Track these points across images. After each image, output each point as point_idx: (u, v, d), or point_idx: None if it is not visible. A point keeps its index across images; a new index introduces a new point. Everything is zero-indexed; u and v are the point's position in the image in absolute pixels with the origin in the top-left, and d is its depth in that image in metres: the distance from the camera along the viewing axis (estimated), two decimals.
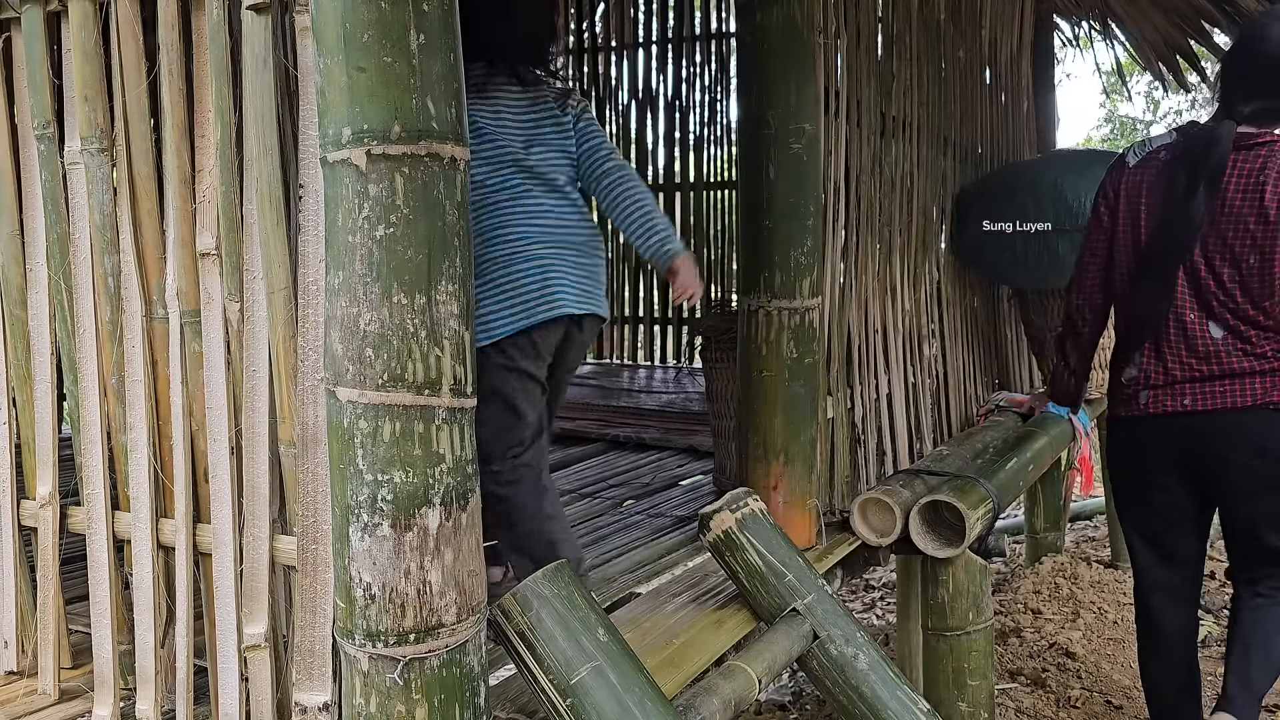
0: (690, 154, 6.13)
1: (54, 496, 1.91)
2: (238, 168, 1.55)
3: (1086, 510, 6.09)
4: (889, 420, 3.01)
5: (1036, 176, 3.75)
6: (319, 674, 1.49)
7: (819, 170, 2.42)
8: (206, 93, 1.59)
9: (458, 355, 1.32)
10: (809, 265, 2.37)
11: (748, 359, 2.41)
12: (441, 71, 1.29)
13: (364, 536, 1.31)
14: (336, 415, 1.32)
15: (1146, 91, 14.83)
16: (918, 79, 3.30)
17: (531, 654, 1.54)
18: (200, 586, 1.72)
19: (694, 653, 1.91)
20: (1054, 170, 3.75)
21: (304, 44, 1.46)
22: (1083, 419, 3.74)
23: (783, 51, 2.30)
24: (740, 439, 2.46)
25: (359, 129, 1.26)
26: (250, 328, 1.57)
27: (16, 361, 1.94)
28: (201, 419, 1.66)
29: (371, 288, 1.28)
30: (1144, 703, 3.41)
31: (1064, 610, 4.21)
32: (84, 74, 1.72)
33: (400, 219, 1.27)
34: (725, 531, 2.05)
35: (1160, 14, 4.99)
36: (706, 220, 6.14)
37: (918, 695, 2.02)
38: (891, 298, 3.06)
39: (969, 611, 2.63)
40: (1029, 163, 4.36)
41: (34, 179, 1.87)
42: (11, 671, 2.00)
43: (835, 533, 2.57)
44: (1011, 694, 3.44)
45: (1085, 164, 3.74)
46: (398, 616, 1.31)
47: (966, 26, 3.90)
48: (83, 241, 1.78)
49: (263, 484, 1.58)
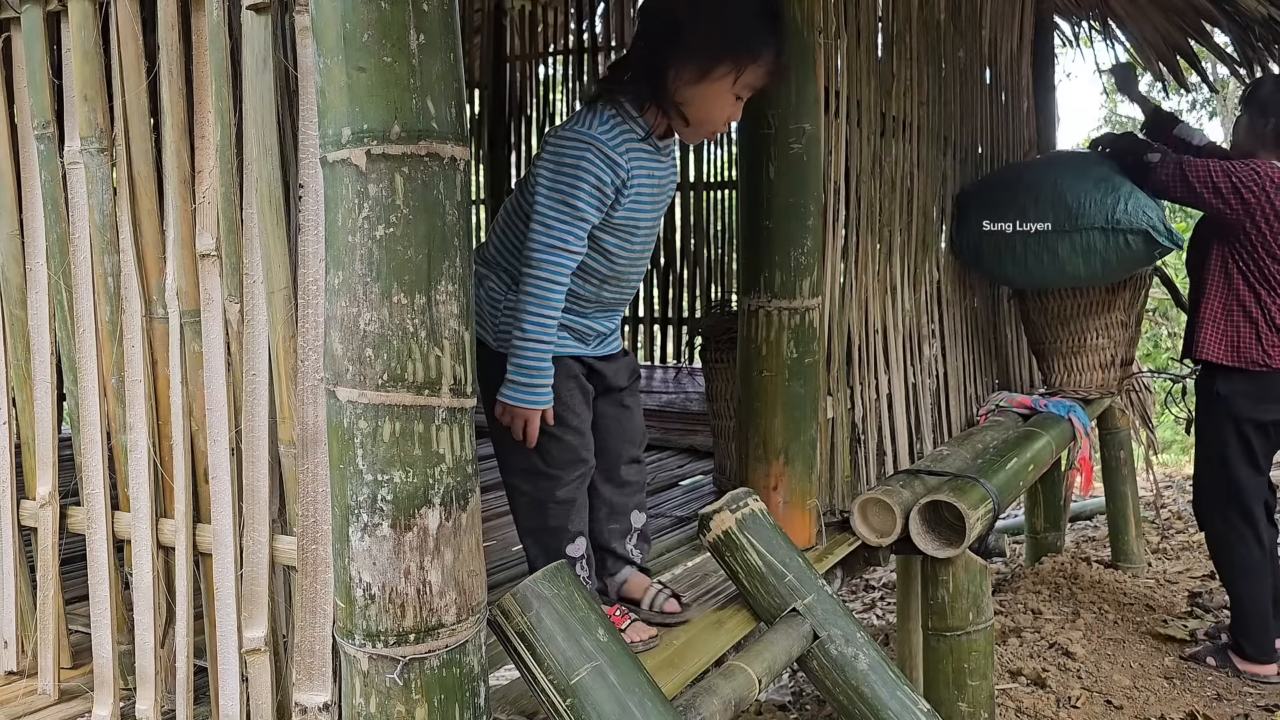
0: (690, 154, 6.14)
1: (54, 496, 1.91)
2: (238, 168, 1.55)
3: (1086, 510, 6.10)
4: (889, 420, 3.01)
5: (1037, 177, 3.75)
6: (319, 674, 1.49)
7: (819, 170, 2.41)
8: (206, 93, 1.59)
9: (458, 355, 1.32)
10: (809, 265, 2.37)
11: (748, 359, 2.41)
12: (441, 71, 1.29)
13: (364, 536, 1.31)
14: (336, 415, 1.32)
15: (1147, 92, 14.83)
16: (918, 79, 3.30)
17: (531, 654, 1.54)
18: (200, 586, 1.72)
19: (694, 653, 1.91)
20: (1054, 170, 3.74)
21: (304, 44, 1.46)
22: (1082, 419, 3.74)
23: None
24: (740, 439, 2.46)
25: (359, 129, 1.26)
26: (250, 328, 1.57)
27: (16, 361, 1.94)
28: (201, 419, 1.66)
29: (371, 288, 1.28)
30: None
31: (1064, 610, 4.21)
32: (84, 74, 1.72)
33: (400, 219, 1.27)
34: (725, 531, 2.05)
35: (1160, 14, 4.99)
36: (706, 220, 6.14)
37: (918, 695, 2.02)
38: (891, 298, 3.06)
39: (969, 611, 2.63)
40: (1029, 163, 4.35)
41: (34, 179, 1.87)
42: (11, 671, 1.99)
43: (835, 533, 2.57)
44: (1011, 694, 3.44)
45: (1084, 165, 3.74)
46: (397, 617, 1.31)
47: (966, 26, 3.90)
48: (82, 241, 1.78)
49: (263, 484, 1.57)
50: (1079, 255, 3.62)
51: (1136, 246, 3.54)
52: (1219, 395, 3.55)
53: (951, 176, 3.77)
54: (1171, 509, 6.21)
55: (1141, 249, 3.55)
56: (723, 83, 1.72)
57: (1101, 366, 4.11)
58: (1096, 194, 3.55)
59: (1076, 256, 3.63)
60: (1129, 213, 3.50)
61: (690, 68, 1.69)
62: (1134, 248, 3.55)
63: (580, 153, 1.69)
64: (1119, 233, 3.53)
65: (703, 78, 1.69)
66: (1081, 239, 3.58)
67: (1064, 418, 3.66)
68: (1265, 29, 4.70)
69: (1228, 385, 3.53)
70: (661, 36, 1.70)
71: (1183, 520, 5.92)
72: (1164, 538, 5.57)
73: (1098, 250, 3.59)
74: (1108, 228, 3.53)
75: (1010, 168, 4.26)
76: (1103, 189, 3.55)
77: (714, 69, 1.69)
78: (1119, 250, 3.57)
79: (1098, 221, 3.54)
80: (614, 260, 1.84)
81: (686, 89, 1.72)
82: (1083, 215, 3.56)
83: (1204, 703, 3.42)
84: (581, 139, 1.70)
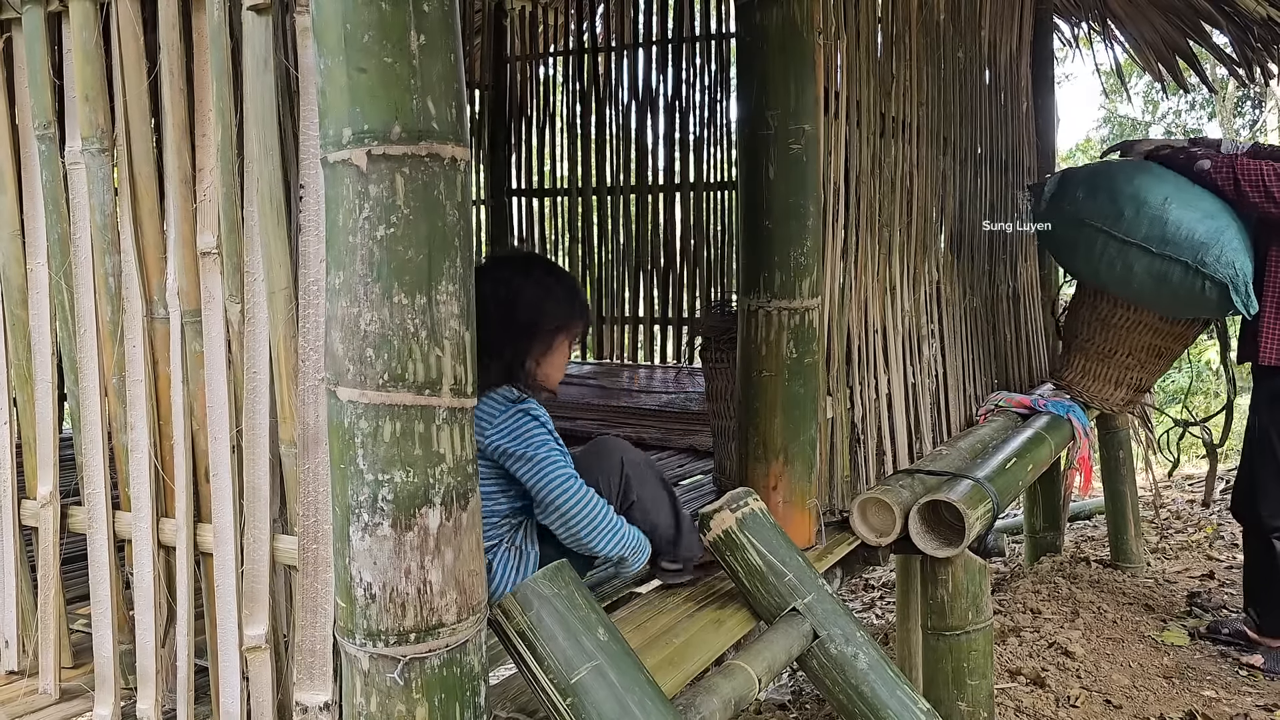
0: (690, 154, 6.14)
1: (55, 496, 1.91)
2: (238, 168, 1.55)
3: (1086, 510, 6.11)
4: (888, 420, 3.02)
5: (1148, 187, 3.51)
6: (320, 674, 1.50)
7: (819, 170, 2.42)
8: (207, 93, 1.59)
9: (458, 355, 1.33)
10: (809, 265, 2.37)
11: (747, 359, 2.42)
12: (442, 72, 1.29)
13: (364, 536, 1.31)
14: (337, 415, 1.32)
15: (1146, 92, 14.85)
16: (917, 80, 3.30)
17: (532, 653, 1.54)
18: (201, 586, 1.73)
19: (694, 652, 1.91)
20: (1166, 187, 3.51)
21: (305, 44, 1.46)
22: (1082, 419, 3.74)
23: (783, 52, 2.30)
24: (740, 439, 2.47)
25: (359, 129, 1.26)
26: (251, 328, 1.57)
27: (17, 361, 1.94)
28: (202, 419, 1.66)
29: (372, 288, 1.28)
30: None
31: (1064, 610, 4.21)
32: (85, 74, 1.72)
33: (401, 219, 1.27)
34: (725, 531, 2.05)
35: (1160, 15, 4.99)
36: (706, 220, 6.15)
37: (917, 694, 2.03)
38: (891, 298, 3.07)
39: (968, 611, 2.63)
40: (1146, 167, 3.78)
41: (35, 179, 1.87)
42: (12, 671, 2.00)
43: (835, 532, 2.57)
44: (1011, 694, 3.44)
45: (1197, 194, 3.49)
46: (398, 616, 1.32)
47: (966, 27, 3.90)
48: (83, 241, 1.79)
49: (263, 484, 1.58)
50: (1151, 278, 3.47)
51: (1210, 294, 3.38)
52: None
53: (951, 177, 3.78)
54: (1171, 509, 6.22)
55: (1215, 299, 3.39)
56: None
57: (1116, 383, 4.05)
58: (1198, 228, 3.36)
59: (1149, 278, 3.47)
60: (1219, 260, 3.32)
61: (539, 347, 2.07)
62: (1208, 295, 3.38)
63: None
64: (1200, 275, 3.35)
65: (548, 350, 2.08)
66: (1160, 264, 3.42)
67: (1063, 418, 3.67)
68: (1264, 29, 4.70)
69: None
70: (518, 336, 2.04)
71: (1182, 520, 5.93)
72: (1163, 537, 5.57)
73: (1172, 282, 3.43)
74: (1191, 265, 3.35)
75: (1126, 166, 3.83)
76: (1206, 226, 3.37)
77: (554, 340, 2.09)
78: (1191, 291, 3.40)
79: (1184, 255, 3.36)
80: None
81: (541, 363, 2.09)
82: (1173, 243, 3.38)
83: (1203, 702, 3.43)
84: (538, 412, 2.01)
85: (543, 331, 2.04)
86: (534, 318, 2.03)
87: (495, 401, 1.97)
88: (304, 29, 1.45)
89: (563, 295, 2.09)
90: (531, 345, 2.03)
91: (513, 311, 2.01)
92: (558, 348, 2.09)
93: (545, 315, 2.04)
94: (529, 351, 2.03)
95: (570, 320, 2.09)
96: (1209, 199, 3.49)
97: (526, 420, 1.95)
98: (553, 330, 2.06)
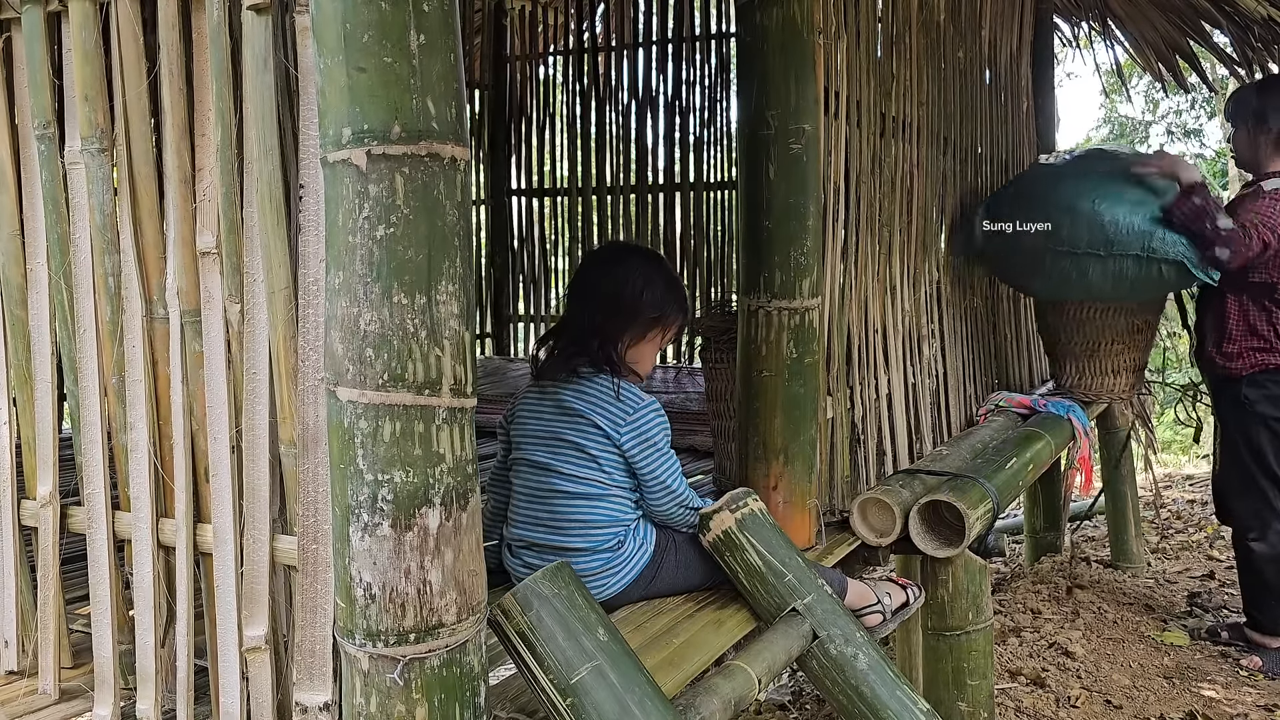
0: (690, 154, 6.14)
1: (54, 496, 1.91)
2: (238, 168, 1.55)
3: (1085, 510, 6.10)
4: (888, 420, 3.02)
5: (1072, 195, 3.54)
6: (319, 674, 1.49)
7: (819, 170, 2.42)
8: (207, 93, 1.59)
9: (458, 355, 1.33)
10: (809, 265, 2.37)
11: (748, 359, 2.41)
12: (441, 71, 1.29)
13: (364, 536, 1.31)
14: (337, 415, 1.32)
15: (1146, 92, 14.84)
16: (917, 79, 3.30)
17: (532, 654, 1.54)
18: (201, 586, 1.72)
19: (694, 653, 1.91)
20: (1089, 188, 3.53)
21: (304, 44, 1.46)
22: (1082, 419, 3.74)
23: (783, 51, 2.30)
24: (740, 439, 2.46)
25: (359, 129, 1.26)
26: (250, 327, 1.57)
27: (17, 361, 1.94)
28: (202, 419, 1.66)
29: (372, 288, 1.28)
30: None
31: (1064, 610, 4.21)
32: (84, 74, 1.72)
33: (400, 219, 1.27)
34: (725, 531, 2.05)
35: (1160, 14, 4.99)
36: (706, 220, 6.15)
37: (917, 695, 2.02)
38: (891, 298, 3.07)
39: (969, 611, 2.63)
40: (1060, 170, 3.87)
41: (34, 179, 1.87)
42: (12, 671, 2.00)
43: (835, 533, 2.57)
44: (1011, 694, 3.44)
45: (1121, 185, 3.51)
46: (398, 616, 1.31)
47: (966, 27, 3.90)
48: (83, 241, 1.78)
49: (263, 484, 1.58)
50: (1110, 278, 3.49)
51: (1169, 276, 3.43)
52: (1247, 399, 3.65)
53: (951, 177, 3.77)
54: (1171, 509, 6.22)
55: (1174, 278, 3.45)
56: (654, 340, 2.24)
57: (1114, 371, 4.09)
58: (1134, 219, 3.40)
59: (1108, 280, 3.50)
60: (1165, 241, 3.36)
61: (634, 333, 2.17)
62: (1166, 277, 3.43)
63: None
64: (1153, 262, 3.39)
65: (641, 339, 2.19)
66: (1114, 264, 3.45)
67: (1063, 417, 3.67)
68: (1265, 29, 4.70)
69: (1255, 390, 3.64)
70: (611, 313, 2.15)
71: (1182, 520, 5.93)
72: (1163, 538, 5.57)
73: (1129, 276, 3.45)
74: (1142, 256, 3.37)
75: (1039, 175, 3.91)
76: (1140, 214, 3.40)
77: (648, 331, 2.19)
78: (1150, 277, 3.44)
79: (1133, 249, 3.39)
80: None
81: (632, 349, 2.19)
82: (1118, 242, 3.41)
83: (1203, 702, 3.43)
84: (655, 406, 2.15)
85: (640, 319, 2.15)
86: (634, 303, 2.13)
87: (604, 387, 2.09)
88: (303, 28, 1.45)
89: (663, 287, 2.18)
90: (626, 329, 2.14)
91: (616, 296, 2.14)
92: (651, 338, 2.19)
93: (645, 303, 2.14)
94: (623, 333, 2.14)
95: (667, 312, 2.18)
96: (1130, 185, 3.52)
97: (657, 417, 2.13)
98: (650, 320, 2.16)
